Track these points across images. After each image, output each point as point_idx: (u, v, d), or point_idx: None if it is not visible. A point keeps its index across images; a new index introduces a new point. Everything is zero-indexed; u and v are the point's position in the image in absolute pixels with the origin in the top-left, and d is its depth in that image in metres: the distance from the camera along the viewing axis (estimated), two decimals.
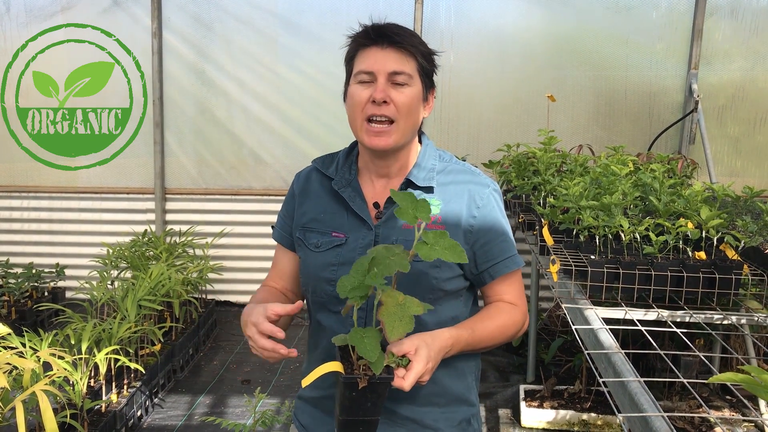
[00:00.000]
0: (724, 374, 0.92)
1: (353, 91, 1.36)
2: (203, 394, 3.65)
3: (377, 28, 1.35)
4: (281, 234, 1.54)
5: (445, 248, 1.14)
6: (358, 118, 1.35)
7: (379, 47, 1.34)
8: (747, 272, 2.09)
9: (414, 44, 1.35)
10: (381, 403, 1.15)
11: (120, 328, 3.10)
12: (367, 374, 1.12)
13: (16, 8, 4.92)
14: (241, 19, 4.84)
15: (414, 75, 1.35)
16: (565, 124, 4.68)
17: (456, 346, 1.29)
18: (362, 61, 1.35)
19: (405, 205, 1.16)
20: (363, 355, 1.10)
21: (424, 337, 1.21)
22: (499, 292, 1.43)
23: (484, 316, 1.39)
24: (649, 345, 1.75)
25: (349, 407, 1.13)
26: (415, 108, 1.36)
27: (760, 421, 2.99)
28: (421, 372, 1.16)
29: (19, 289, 4.46)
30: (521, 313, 1.43)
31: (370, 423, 1.16)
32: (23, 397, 2.19)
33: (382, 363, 1.12)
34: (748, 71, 4.58)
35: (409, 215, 1.15)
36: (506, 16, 4.72)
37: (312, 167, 1.52)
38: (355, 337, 1.12)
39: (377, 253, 1.15)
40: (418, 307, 1.14)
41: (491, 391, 3.65)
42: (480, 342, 1.35)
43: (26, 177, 5.12)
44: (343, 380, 1.12)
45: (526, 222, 3.25)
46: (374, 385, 1.12)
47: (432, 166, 1.44)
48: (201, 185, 5.06)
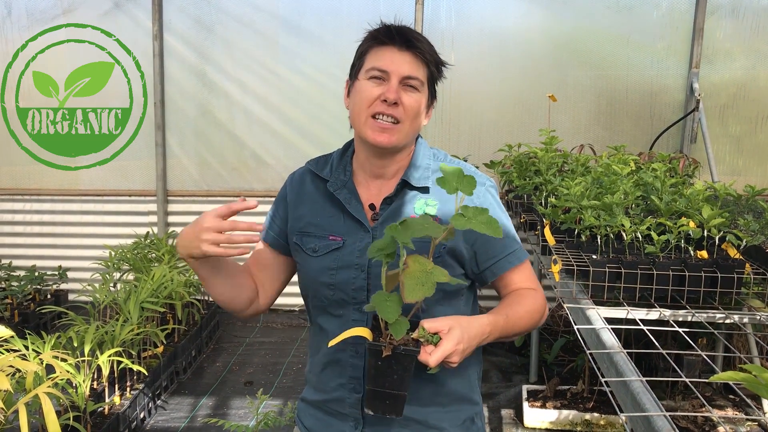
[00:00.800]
0: (726, 373, 0.92)
1: (363, 86, 1.35)
2: (206, 395, 3.65)
3: (398, 28, 1.35)
4: (267, 233, 1.51)
5: (483, 222, 1.12)
6: (364, 113, 1.34)
7: (397, 48, 1.34)
8: (749, 271, 2.09)
9: (430, 52, 1.37)
10: (407, 377, 1.15)
11: (122, 331, 3.10)
12: (392, 343, 1.13)
13: (17, 11, 4.93)
14: (242, 21, 4.85)
15: (424, 82, 1.36)
16: (567, 124, 4.68)
17: (494, 333, 1.27)
18: (377, 58, 1.34)
19: (449, 178, 1.16)
20: (382, 316, 1.11)
21: (461, 320, 1.20)
22: (513, 282, 1.41)
23: (512, 302, 1.37)
24: (652, 344, 1.75)
25: (375, 376, 1.15)
26: (419, 114, 1.37)
27: (763, 420, 2.98)
28: (450, 351, 1.14)
29: (22, 292, 4.47)
30: (542, 297, 1.41)
31: (397, 398, 1.16)
32: (26, 399, 2.19)
33: (402, 328, 1.12)
34: (749, 70, 4.57)
35: (451, 186, 1.15)
36: (507, 17, 4.72)
37: (305, 168, 1.50)
38: (378, 299, 1.14)
39: (411, 221, 1.15)
40: (445, 277, 1.14)
41: (494, 392, 3.65)
42: (513, 327, 1.33)
43: (28, 180, 5.13)
44: (368, 346, 1.14)
45: (527, 222, 3.24)
46: (399, 356, 1.13)
47: (427, 165, 1.43)
48: (203, 187, 5.06)
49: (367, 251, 1.17)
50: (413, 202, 1.38)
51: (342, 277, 1.35)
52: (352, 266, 1.35)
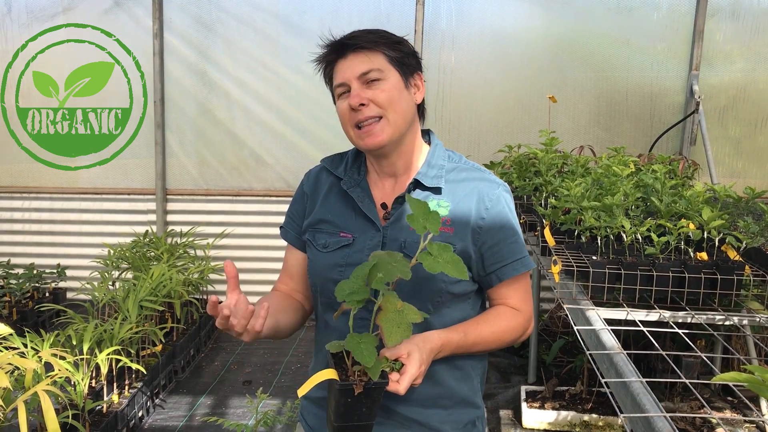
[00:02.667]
0: (725, 374, 0.92)
1: (339, 106, 1.38)
2: (204, 394, 3.65)
3: (334, 42, 1.37)
4: (287, 232, 1.53)
5: (448, 262, 1.15)
6: (349, 128, 1.37)
7: (343, 58, 1.36)
8: (748, 273, 2.09)
9: (371, 40, 1.35)
10: (376, 407, 1.15)
11: (121, 329, 3.10)
12: (362, 380, 1.12)
13: (17, 9, 4.92)
14: (243, 20, 4.85)
15: (384, 68, 1.34)
16: (567, 125, 4.68)
17: (446, 349, 1.29)
18: (335, 76, 1.38)
19: (417, 214, 1.17)
20: (360, 361, 1.10)
21: (416, 340, 1.22)
22: (504, 296, 1.42)
23: (480, 320, 1.38)
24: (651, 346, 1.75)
25: (344, 413, 1.14)
26: (399, 98, 1.35)
27: (761, 421, 2.98)
28: (415, 375, 1.17)
29: (21, 290, 4.47)
30: (524, 319, 1.42)
31: (365, 428, 1.16)
32: (25, 397, 2.19)
33: (379, 369, 1.12)
34: (749, 72, 4.58)
35: (419, 224, 1.16)
36: (507, 17, 4.72)
37: (321, 166, 1.51)
38: (351, 342, 1.12)
39: (380, 259, 1.16)
40: (416, 315, 1.15)
41: (492, 392, 3.65)
42: (473, 346, 1.35)
43: (27, 178, 5.12)
44: (338, 387, 1.12)
45: (527, 223, 3.25)
46: (369, 390, 1.12)
47: (441, 166, 1.42)
48: (202, 186, 5.06)
49: (335, 292, 1.16)
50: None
51: (350, 274, 1.35)
52: (361, 264, 1.35)
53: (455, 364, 1.38)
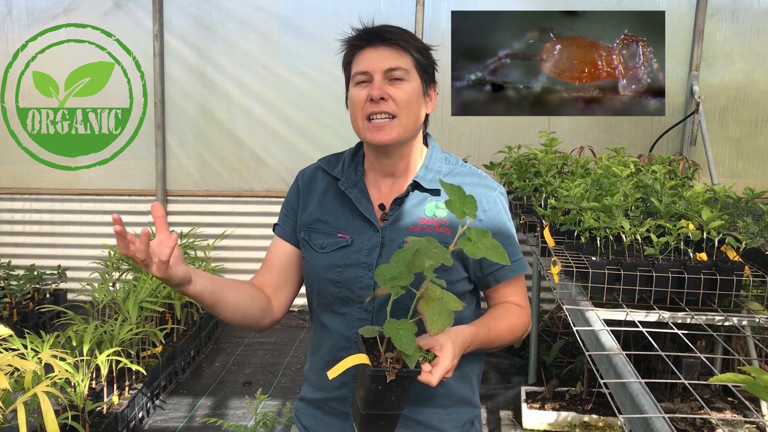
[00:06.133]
0: (725, 375, 0.92)
1: (352, 93, 1.36)
2: (204, 395, 3.65)
3: (368, 29, 1.36)
4: (283, 228, 1.51)
5: (488, 247, 1.12)
6: (359, 118, 1.35)
7: (373, 47, 1.34)
8: (748, 273, 2.09)
9: (406, 40, 1.35)
10: (405, 397, 1.13)
11: (121, 330, 3.10)
12: (395, 367, 1.10)
13: (17, 11, 4.93)
14: (243, 21, 4.85)
15: (411, 70, 1.35)
16: (566, 126, 4.68)
17: (474, 344, 1.28)
18: (358, 63, 1.35)
19: (454, 199, 1.15)
20: (399, 347, 1.07)
21: (449, 333, 1.20)
22: (504, 294, 1.43)
23: (497, 316, 1.38)
24: (651, 346, 1.75)
25: (373, 401, 1.11)
26: (415, 103, 1.36)
27: (761, 422, 2.98)
28: (448, 368, 1.15)
29: (21, 291, 4.47)
30: (527, 315, 1.43)
31: (393, 417, 1.14)
32: (25, 398, 2.19)
33: (416, 357, 1.10)
34: (749, 73, 4.58)
35: (457, 209, 1.14)
36: None
37: (317, 166, 1.51)
38: (390, 328, 1.09)
39: (422, 245, 1.13)
40: (457, 303, 1.13)
41: (492, 393, 3.65)
42: (493, 341, 1.34)
43: (28, 179, 5.13)
44: (371, 373, 1.09)
45: (527, 223, 3.24)
46: (402, 378, 1.10)
47: (438, 169, 1.43)
48: (202, 187, 5.06)
49: (375, 276, 1.13)
50: (424, 204, 1.39)
51: (349, 275, 1.35)
52: (359, 265, 1.35)
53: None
